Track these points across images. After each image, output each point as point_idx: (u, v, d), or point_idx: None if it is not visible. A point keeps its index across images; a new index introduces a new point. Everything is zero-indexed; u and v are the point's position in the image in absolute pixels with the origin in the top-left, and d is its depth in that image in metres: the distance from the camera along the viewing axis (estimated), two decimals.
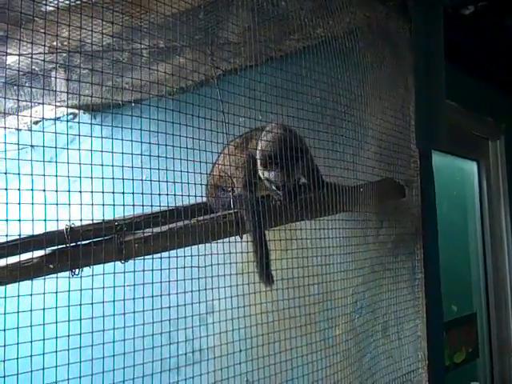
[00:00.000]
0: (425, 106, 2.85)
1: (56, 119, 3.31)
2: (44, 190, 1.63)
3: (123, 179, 1.83)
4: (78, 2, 2.14)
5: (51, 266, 1.76)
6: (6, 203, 1.60)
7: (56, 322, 1.69)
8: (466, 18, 3.37)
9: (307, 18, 2.51)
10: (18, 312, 1.63)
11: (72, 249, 1.81)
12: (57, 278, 1.75)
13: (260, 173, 2.34)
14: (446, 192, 3.86)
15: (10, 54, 2.38)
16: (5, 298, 1.63)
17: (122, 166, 1.84)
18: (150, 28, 2.26)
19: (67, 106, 3.50)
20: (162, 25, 2.23)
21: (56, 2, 2.16)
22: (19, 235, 1.67)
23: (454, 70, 3.30)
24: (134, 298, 1.83)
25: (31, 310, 1.65)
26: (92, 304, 1.74)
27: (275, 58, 2.74)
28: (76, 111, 3.67)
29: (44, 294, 1.68)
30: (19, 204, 1.60)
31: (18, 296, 1.65)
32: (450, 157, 4.07)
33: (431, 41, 2.87)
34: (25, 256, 1.73)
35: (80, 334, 1.72)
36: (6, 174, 1.67)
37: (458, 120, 3.72)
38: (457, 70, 3.49)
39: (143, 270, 1.87)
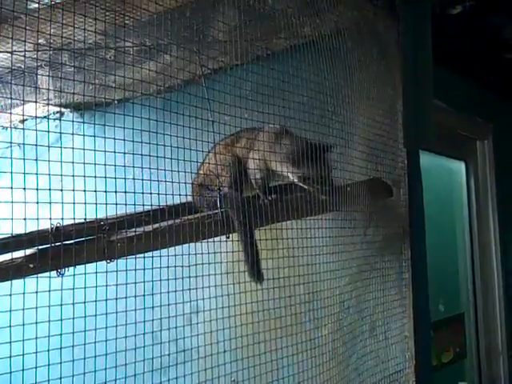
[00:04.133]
0: (412, 106, 2.85)
1: (43, 118, 3.30)
2: (24, 189, 1.61)
3: (105, 177, 1.81)
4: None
5: (32, 267, 1.73)
6: None
7: (36, 323, 1.66)
8: (454, 17, 3.37)
9: (294, 17, 2.50)
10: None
11: (55, 248, 1.79)
12: (37, 278, 1.74)
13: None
14: (434, 192, 3.86)
15: None
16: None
17: (105, 165, 1.82)
18: (135, 26, 2.24)
19: (51, 104, 3.47)
20: (148, 22, 2.22)
21: None
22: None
23: (442, 70, 3.30)
24: (116, 298, 1.81)
25: (10, 310, 1.63)
26: (74, 304, 1.72)
27: (262, 57, 2.72)
28: (62, 110, 3.64)
29: (24, 293, 1.66)
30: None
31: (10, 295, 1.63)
32: (438, 157, 4.08)
33: (419, 40, 2.87)
34: (5, 256, 1.71)
35: (61, 335, 1.70)
36: None
37: (446, 120, 3.73)
38: (445, 70, 3.50)
39: (127, 270, 1.85)
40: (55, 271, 1.78)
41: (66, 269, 1.81)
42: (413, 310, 2.78)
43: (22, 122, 3.28)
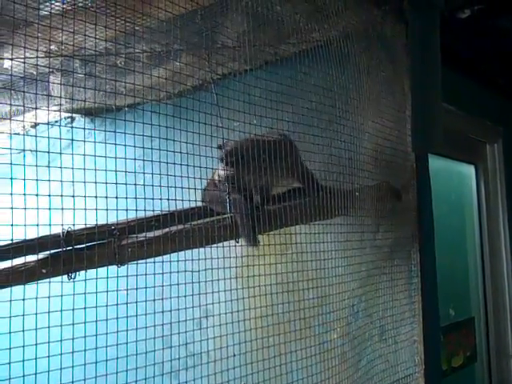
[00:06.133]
0: (421, 110, 2.85)
1: (53, 123, 3.32)
2: (37, 195, 1.63)
3: (116, 183, 1.83)
4: (73, 7, 2.14)
5: (44, 272, 1.75)
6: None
7: (48, 327, 1.68)
8: (463, 21, 3.37)
9: (302, 22, 2.51)
10: (10, 316, 1.63)
11: (67, 253, 1.81)
12: (49, 282, 1.75)
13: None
14: (444, 196, 3.86)
15: (5, 59, 2.39)
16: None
17: (116, 171, 1.84)
18: (145, 32, 2.26)
19: (63, 111, 3.50)
20: (158, 29, 2.24)
21: (51, 6, 2.17)
22: (11, 239, 1.67)
23: (451, 73, 3.30)
24: (127, 303, 1.83)
25: (23, 315, 1.65)
26: (85, 308, 1.74)
27: (271, 62, 2.74)
28: (74, 115, 3.67)
29: (37, 298, 1.68)
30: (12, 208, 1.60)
31: (9, 300, 1.65)
32: (448, 160, 4.07)
33: (427, 44, 2.87)
34: (19, 261, 1.73)
35: (72, 339, 1.72)
36: None
37: (455, 123, 3.72)
38: (454, 74, 3.50)
39: (137, 275, 1.87)
40: (66, 275, 1.80)
41: (77, 273, 1.83)
42: (422, 314, 2.78)
43: (34, 127, 3.31)
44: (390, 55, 2.93)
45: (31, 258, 1.78)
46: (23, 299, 1.66)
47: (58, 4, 2.21)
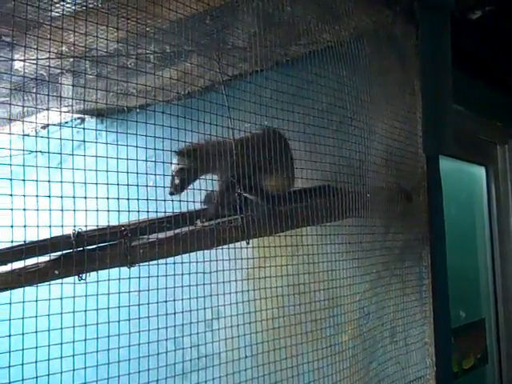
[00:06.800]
0: (432, 111, 2.84)
1: (64, 124, 3.33)
2: (49, 196, 1.63)
3: (128, 185, 1.83)
4: (84, 8, 2.14)
5: (56, 272, 1.75)
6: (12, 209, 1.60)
7: (61, 328, 1.68)
8: (474, 22, 3.36)
9: (313, 23, 2.50)
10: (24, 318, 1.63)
11: (78, 254, 1.81)
12: (62, 284, 1.75)
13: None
14: (454, 197, 3.85)
15: (17, 60, 2.39)
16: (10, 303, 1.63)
17: (127, 172, 1.84)
18: (155, 33, 2.26)
19: (74, 112, 3.51)
20: (168, 30, 2.23)
21: (62, 7, 2.17)
22: (24, 240, 1.68)
23: (462, 75, 3.29)
24: (139, 304, 1.82)
25: (36, 316, 1.65)
26: (97, 310, 1.74)
27: (281, 63, 2.73)
28: (84, 116, 3.68)
29: (50, 299, 1.68)
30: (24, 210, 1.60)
31: (22, 302, 1.65)
32: (458, 162, 4.06)
33: (438, 45, 2.86)
34: (31, 261, 1.73)
35: (85, 340, 1.72)
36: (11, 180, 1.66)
37: (466, 125, 3.71)
38: (464, 75, 3.48)
39: (149, 276, 1.86)
40: (77, 276, 1.80)
41: (88, 274, 1.82)
42: (433, 316, 2.77)
43: (45, 128, 3.31)
44: (400, 56, 2.92)
45: (43, 258, 1.78)
46: (36, 300, 1.66)
47: (68, 6, 2.21)
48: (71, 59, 2.55)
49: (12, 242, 1.66)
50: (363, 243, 2.53)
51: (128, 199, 1.79)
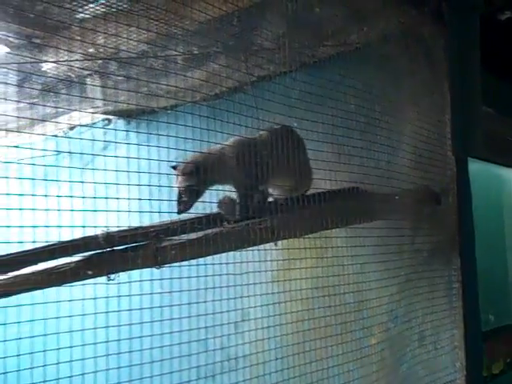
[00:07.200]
0: (461, 113, 2.82)
1: (91, 126, 3.34)
2: (83, 197, 1.63)
3: (159, 186, 1.83)
4: (114, 10, 2.15)
5: (90, 272, 1.75)
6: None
7: (94, 328, 1.69)
8: (503, 23, 3.32)
9: (341, 25, 2.49)
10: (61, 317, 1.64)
11: (108, 254, 1.80)
12: (94, 284, 1.75)
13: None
14: (483, 199, 3.80)
15: (47, 61, 2.40)
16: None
17: (159, 173, 1.84)
18: (184, 35, 2.26)
19: (102, 113, 3.52)
20: (196, 31, 2.23)
21: (92, 9, 2.18)
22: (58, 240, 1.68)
23: (491, 76, 3.25)
24: (171, 305, 1.82)
25: (71, 316, 1.65)
26: (130, 310, 1.74)
27: (309, 65, 2.72)
28: (111, 117, 3.69)
29: (83, 299, 1.69)
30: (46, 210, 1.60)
31: (57, 301, 1.65)
32: (487, 164, 4.01)
33: (467, 46, 2.84)
34: (62, 261, 1.73)
35: (108, 342, 1.71)
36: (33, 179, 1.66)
37: (495, 126, 3.66)
38: (493, 76, 3.45)
39: (181, 278, 1.86)
40: (105, 277, 1.80)
41: (116, 275, 1.82)
42: (463, 320, 2.74)
43: (72, 129, 3.33)
44: (428, 57, 2.90)
45: (71, 259, 1.78)
46: (70, 300, 1.67)
47: (98, 8, 2.22)
48: (99, 61, 2.56)
49: (34, 242, 1.65)
50: (391, 245, 2.50)
51: (159, 200, 1.79)
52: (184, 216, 2.01)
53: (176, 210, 2.06)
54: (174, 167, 2.08)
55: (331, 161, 2.29)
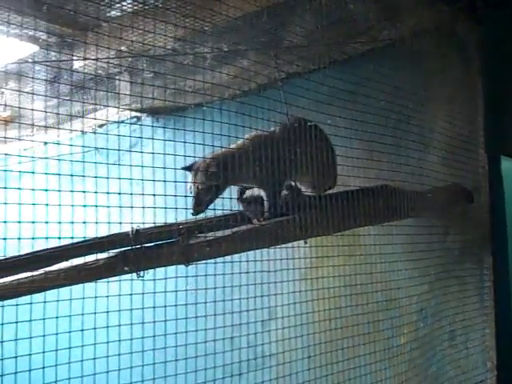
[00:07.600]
0: (494, 111, 2.79)
1: (121, 123, 3.36)
2: (108, 193, 1.64)
3: (186, 182, 1.83)
4: (147, 7, 2.16)
5: (126, 269, 1.76)
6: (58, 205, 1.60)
7: (119, 325, 1.69)
8: None
9: (374, 21, 2.47)
10: (82, 314, 1.65)
11: (137, 251, 1.81)
12: (120, 280, 1.76)
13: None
14: None
15: (78, 59, 2.42)
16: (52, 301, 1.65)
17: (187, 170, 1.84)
18: (214, 31, 2.26)
19: (131, 110, 3.54)
20: (227, 28, 2.23)
21: (122, 6, 2.18)
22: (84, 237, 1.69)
23: None
24: (197, 303, 1.82)
25: (95, 313, 1.66)
26: (154, 307, 1.75)
27: (339, 61, 2.70)
28: (139, 114, 3.70)
29: (108, 296, 1.69)
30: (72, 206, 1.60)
31: (83, 298, 1.66)
32: None
33: (502, 43, 2.80)
34: (91, 257, 1.74)
35: (141, 338, 1.72)
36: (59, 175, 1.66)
37: None
38: None
39: (207, 275, 1.86)
40: (135, 273, 1.80)
41: (146, 271, 1.83)
42: (495, 319, 2.71)
43: (101, 126, 3.36)
44: (462, 54, 2.86)
45: (101, 255, 1.78)
46: (95, 297, 1.67)
47: (129, 5, 2.22)
48: (130, 59, 2.57)
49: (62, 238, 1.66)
50: (422, 244, 2.48)
51: (186, 196, 1.79)
52: (212, 214, 2.00)
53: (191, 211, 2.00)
54: (187, 168, 2.03)
55: (361, 157, 2.27)
